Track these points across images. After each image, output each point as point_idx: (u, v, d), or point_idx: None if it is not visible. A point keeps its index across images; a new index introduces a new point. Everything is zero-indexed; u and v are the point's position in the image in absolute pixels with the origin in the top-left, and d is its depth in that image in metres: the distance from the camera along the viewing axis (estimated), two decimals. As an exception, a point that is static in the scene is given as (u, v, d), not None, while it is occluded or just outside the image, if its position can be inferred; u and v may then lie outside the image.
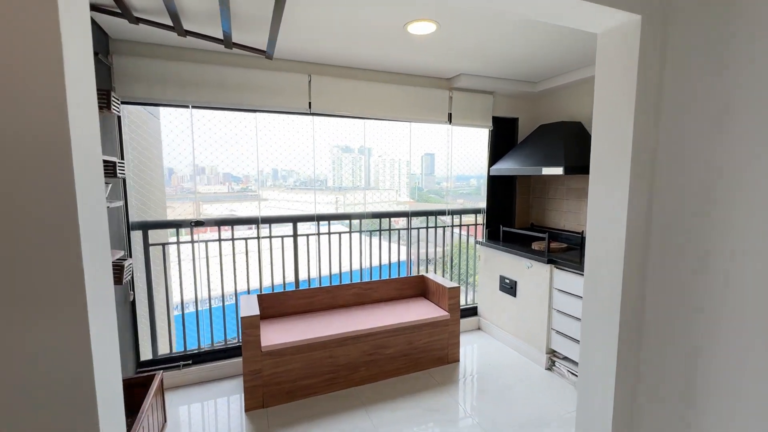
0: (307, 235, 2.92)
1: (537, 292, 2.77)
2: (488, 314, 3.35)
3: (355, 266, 3.16)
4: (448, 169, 3.34)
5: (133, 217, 2.42)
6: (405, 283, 3.07)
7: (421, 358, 2.69)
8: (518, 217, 3.54)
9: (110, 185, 1.65)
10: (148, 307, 2.51)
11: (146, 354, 2.52)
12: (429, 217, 3.38)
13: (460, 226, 3.54)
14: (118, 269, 1.76)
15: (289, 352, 2.28)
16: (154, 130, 2.88)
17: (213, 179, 3.60)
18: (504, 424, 2.13)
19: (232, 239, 2.71)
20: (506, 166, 3.13)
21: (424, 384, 2.53)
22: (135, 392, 1.94)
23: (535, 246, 2.99)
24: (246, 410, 2.22)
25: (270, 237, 2.81)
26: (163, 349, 2.61)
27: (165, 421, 2.11)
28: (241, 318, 2.16)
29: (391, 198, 4.43)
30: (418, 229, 3.36)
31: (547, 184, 3.38)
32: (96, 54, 1.87)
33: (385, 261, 3.27)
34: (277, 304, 2.66)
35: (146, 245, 2.47)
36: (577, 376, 2.43)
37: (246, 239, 2.74)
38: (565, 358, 2.65)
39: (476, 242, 3.48)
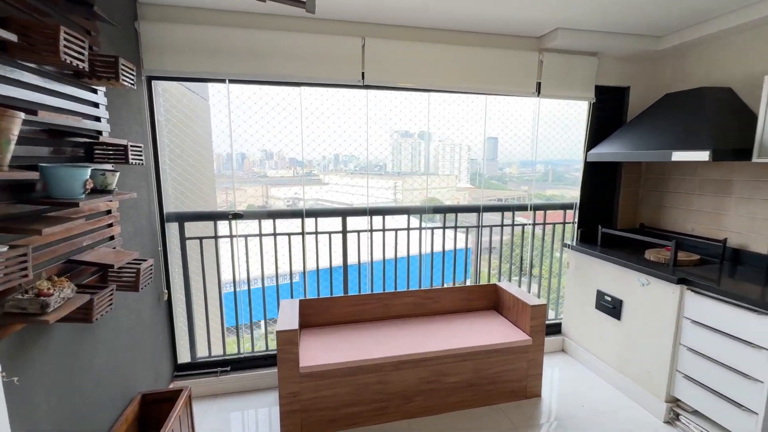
0: (358, 232, 2.50)
1: (656, 319, 2.07)
2: (577, 335, 2.69)
3: (413, 267, 2.69)
4: (532, 152, 2.69)
5: (169, 208, 2.18)
6: (473, 292, 2.54)
7: (492, 391, 2.16)
8: (622, 216, 2.78)
9: (117, 173, 1.36)
10: (186, 306, 2.30)
11: (184, 356, 2.32)
12: (504, 212, 2.78)
13: (544, 224, 2.88)
14: (131, 273, 1.48)
15: (332, 375, 1.90)
16: (203, 111, 2.63)
17: (280, 164, 3.53)
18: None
19: (274, 234, 2.38)
20: (613, 150, 2.40)
21: (494, 425, 2.01)
22: (162, 408, 1.70)
23: (651, 255, 2.26)
24: (282, 437, 1.90)
25: (316, 233, 2.44)
26: (202, 352, 2.40)
27: (194, 439, 1.86)
28: (277, 332, 1.81)
29: (451, 184, 4.00)
30: (491, 227, 2.77)
31: (667, 173, 2.58)
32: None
33: (449, 262, 2.76)
34: (322, 311, 2.30)
35: (182, 239, 2.24)
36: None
37: (289, 234, 2.40)
38: (696, 413, 1.95)
39: (564, 245, 2.81)
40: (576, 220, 2.76)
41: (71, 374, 1.32)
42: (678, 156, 1.98)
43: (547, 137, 2.74)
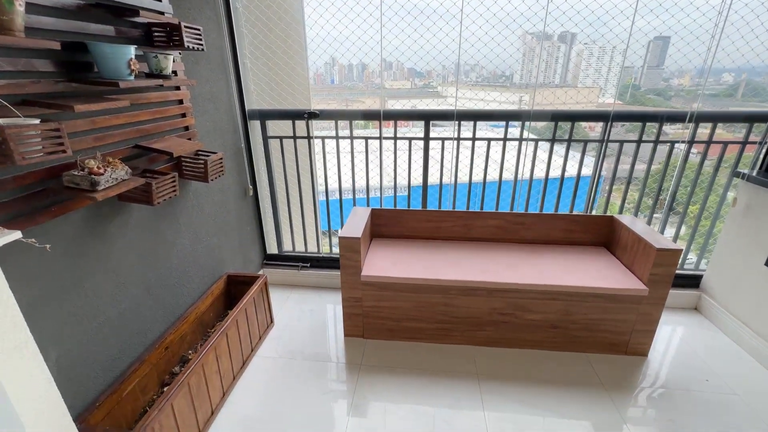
0: (443, 139, 2.16)
1: None
2: (723, 295, 2.04)
3: (506, 194, 2.28)
4: (712, 54, 1.80)
5: (252, 106, 2.17)
6: (578, 223, 2.06)
7: (582, 338, 1.83)
8: None
9: (171, 56, 1.30)
10: (270, 202, 2.42)
11: (272, 248, 2.53)
12: (646, 125, 2.04)
13: (708, 142, 2.05)
14: (199, 166, 1.51)
15: (394, 288, 1.82)
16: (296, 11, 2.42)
17: (399, 74, 3.45)
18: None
19: (351, 137, 2.22)
20: None
21: (576, 376, 1.73)
22: (245, 289, 1.88)
23: None
24: (345, 335, 1.98)
25: (395, 138, 2.19)
26: (288, 246, 2.58)
27: (272, 322, 2.07)
28: (340, 238, 1.75)
29: (591, 99, 3.22)
30: (622, 142, 2.10)
31: None
32: None
33: (554, 182, 2.26)
34: (395, 223, 2.17)
35: (265, 137, 2.25)
36: None
37: (366, 138, 2.21)
38: None
39: (735, 174, 1.99)
40: (765, 139, 1.88)
41: (155, 248, 1.48)
42: None
43: (745, 30, 1.78)
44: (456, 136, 2.12)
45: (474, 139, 2.13)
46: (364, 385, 1.68)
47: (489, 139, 2.14)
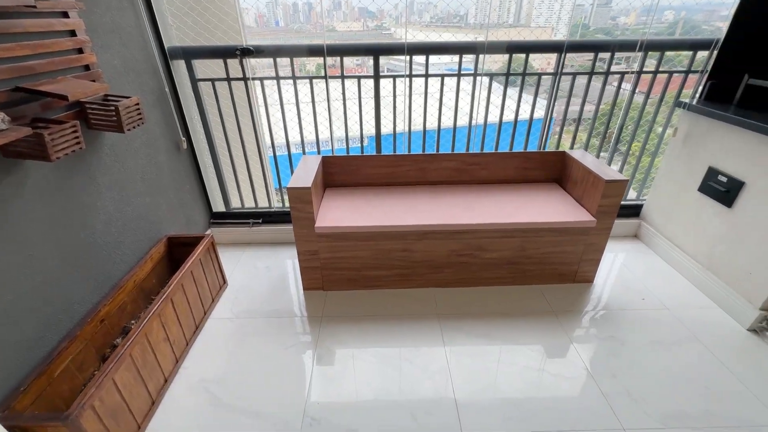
0: (394, 77, 2.01)
1: (792, 210, 1.48)
2: (661, 221, 2.19)
3: (462, 128, 2.21)
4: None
5: (171, 42, 1.87)
6: (532, 160, 2.06)
7: (534, 271, 1.90)
8: (789, 61, 1.85)
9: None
10: (210, 155, 2.19)
11: (219, 206, 2.35)
12: (596, 64, 2.00)
13: (655, 72, 2.07)
14: (110, 113, 1.28)
15: (351, 237, 1.75)
16: None
17: (350, 15, 3.24)
18: (646, 400, 1.35)
19: (293, 77, 2.01)
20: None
21: (528, 306, 1.81)
22: (189, 251, 1.73)
23: (821, 121, 1.51)
24: (304, 288, 1.93)
25: (342, 77, 2.00)
26: (236, 203, 2.40)
27: (225, 282, 1.96)
28: (288, 189, 1.63)
29: (541, 37, 3.18)
30: (574, 74, 2.06)
31: None
32: None
33: (508, 125, 2.22)
34: (349, 171, 2.05)
35: (193, 80, 1.97)
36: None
37: (311, 78, 2.01)
38: (803, 327, 1.52)
39: (678, 104, 2.04)
40: (709, 67, 1.92)
41: (69, 213, 1.28)
42: None
43: None
44: (408, 72, 1.97)
45: (427, 75, 2.00)
46: (327, 336, 1.66)
47: (443, 75, 2.02)
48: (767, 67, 1.89)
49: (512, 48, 1.94)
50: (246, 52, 1.86)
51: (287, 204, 2.43)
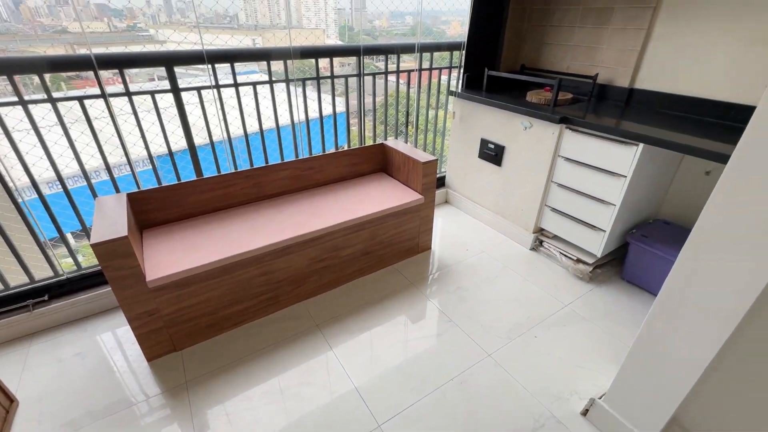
0: (198, 89, 1.77)
1: (534, 160, 2.12)
2: (460, 186, 2.75)
3: (283, 138, 2.17)
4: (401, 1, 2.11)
5: None
6: (359, 156, 2.22)
7: (387, 253, 2.09)
8: (505, 56, 2.61)
9: None
10: None
11: (-42, 297, 1.57)
12: (389, 57, 2.30)
13: (430, 69, 2.54)
14: None
15: (198, 280, 1.50)
16: None
17: (85, 14, 2.43)
18: (493, 326, 1.74)
19: (50, 100, 1.50)
20: (508, -32, 2.01)
21: (390, 285, 2.00)
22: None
23: (532, 98, 2.20)
24: (149, 359, 1.54)
25: (128, 93, 1.63)
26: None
27: (11, 401, 1.36)
28: (93, 246, 1.24)
29: (319, 39, 3.42)
30: (374, 74, 2.31)
31: (553, 3, 2.37)
32: None
33: (326, 128, 2.31)
34: (169, 204, 1.72)
35: None
36: (572, 259, 2.05)
37: (80, 98, 1.55)
38: (555, 237, 2.24)
39: (450, 93, 2.58)
40: (462, 63, 2.49)
41: None
42: (578, -28, 1.71)
43: None
44: (214, 83, 1.77)
45: (236, 84, 1.85)
46: (201, 401, 1.39)
47: (255, 83, 1.91)
48: (497, 62, 2.60)
49: (319, 53, 2.01)
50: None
51: (91, 263, 1.85)
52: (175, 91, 1.69)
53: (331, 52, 2.06)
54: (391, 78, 2.39)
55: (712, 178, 1.91)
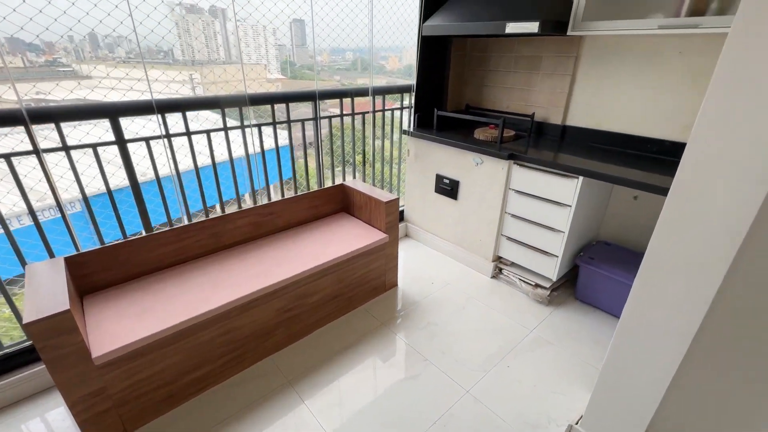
0: (146, 139, 1.67)
1: (487, 194, 2.26)
2: (419, 219, 2.82)
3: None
4: (367, 38, 2.23)
5: None
6: (320, 198, 2.21)
7: (355, 295, 2.06)
8: (451, 98, 2.80)
9: None
10: None
11: None
12: (343, 100, 2.37)
13: (383, 110, 2.65)
14: None
15: (153, 349, 1.35)
16: None
17: None
18: (468, 359, 1.75)
19: (-29, 160, 1.33)
20: (446, 21, 2.20)
21: (361, 327, 1.96)
22: None
23: (480, 135, 2.37)
24: (94, 448, 1.34)
25: (65, 148, 1.49)
26: None
27: None
28: (27, 326, 1.08)
29: (261, 74, 3.45)
30: (330, 117, 2.35)
31: (489, 51, 2.61)
32: None
33: (272, 166, 2.28)
34: (115, 264, 1.57)
35: None
36: (530, 285, 2.16)
37: (7, 155, 1.39)
38: (513, 264, 2.36)
39: (403, 132, 2.69)
40: (413, 103, 2.63)
41: None
42: (512, 27, 1.92)
43: (355, 22, 2.29)
44: (164, 132, 1.69)
45: (189, 133, 1.78)
46: (161, 490, 1.23)
47: (208, 131, 1.85)
48: (444, 102, 2.77)
49: (275, 99, 2.01)
50: None
51: (14, 337, 1.60)
52: (121, 142, 1.58)
53: (286, 98, 2.07)
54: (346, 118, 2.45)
55: (640, 202, 2.15)
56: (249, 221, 1.93)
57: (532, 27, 1.85)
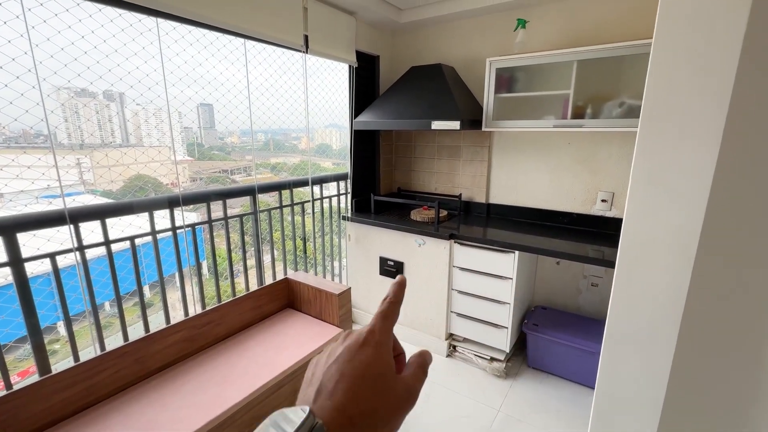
0: (52, 254, 1.39)
1: (433, 272, 2.32)
2: (365, 304, 2.74)
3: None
4: (303, 118, 2.32)
5: None
6: (263, 297, 2.03)
7: (312, 404, 1.82)
8: (383, 182, 2.96)
9: None
10: None
11: None
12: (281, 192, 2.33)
13: (321, 199, 2.66)
14: None
15: None
16: None
17: None
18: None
19: None
20: (376, 118, 2.42)
21: None
22: None
23: (416, 216, 2.51)
24: None
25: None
26: None
27: None
28: None
29: (165, 156, 3.30)
30: (270, 210, 2.27)
31: (413, 141, 2.90)
32: None
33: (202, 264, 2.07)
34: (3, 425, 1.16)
35: None
36: (486, 359, 2.18)
37: None
38: (466, 340, 2.38)
39: (342, 217, 2.72)
40: (349, 190, 2.70)
41: None
42: (437, 125, 2.18)
43: (264, 106, 2.37)
44: (76, 245, 1.43)
45: (108, 242, 1.53)
46: None
47: (132, 237, 1.62)
48: (377, 187, 2.91)
49: (213, 196, 1.89)
50: None
51: None
52: (16, 263, 1.29)
53: (225, 195, 1.96)
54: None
55: (562, 266, 2.42)
56: (182, 336, 1.65)
57: (455, 125, 2.12)
